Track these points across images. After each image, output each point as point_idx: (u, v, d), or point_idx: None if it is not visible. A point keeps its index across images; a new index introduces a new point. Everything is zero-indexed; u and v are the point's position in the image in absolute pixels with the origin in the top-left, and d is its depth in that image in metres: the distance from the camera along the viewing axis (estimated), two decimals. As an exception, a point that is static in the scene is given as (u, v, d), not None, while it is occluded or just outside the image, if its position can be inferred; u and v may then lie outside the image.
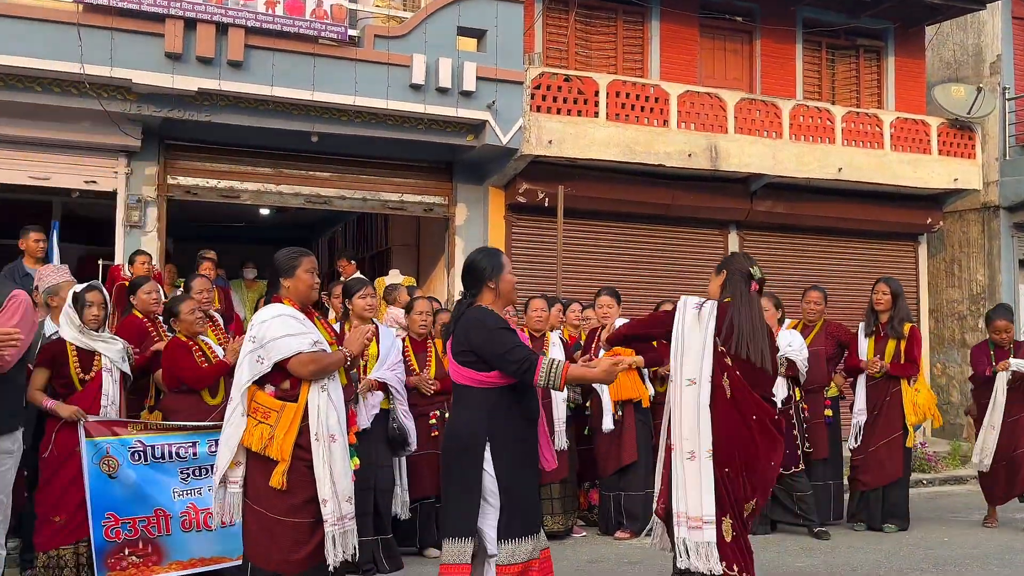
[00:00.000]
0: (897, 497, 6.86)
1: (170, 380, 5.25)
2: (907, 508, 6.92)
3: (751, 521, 4.20)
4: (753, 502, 4.05)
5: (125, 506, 4.85)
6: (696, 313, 4.10)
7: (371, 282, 6.22)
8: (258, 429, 3.81)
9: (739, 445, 3.96)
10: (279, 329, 3.83)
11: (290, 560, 3.79)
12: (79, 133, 8.68)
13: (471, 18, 9.52)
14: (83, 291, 5.00)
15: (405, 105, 9.14)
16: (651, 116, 10.55)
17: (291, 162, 9.82)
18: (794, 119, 11.27)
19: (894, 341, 6.83)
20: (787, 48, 12.38)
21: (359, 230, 14.32)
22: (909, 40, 12.95)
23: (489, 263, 3.91)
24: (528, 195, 10.33)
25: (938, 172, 11.96)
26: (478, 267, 3.91)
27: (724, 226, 11.78)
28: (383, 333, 5.76)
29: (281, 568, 3.79)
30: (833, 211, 11.85)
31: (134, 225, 9.07)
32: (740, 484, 3.97)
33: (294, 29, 8.69)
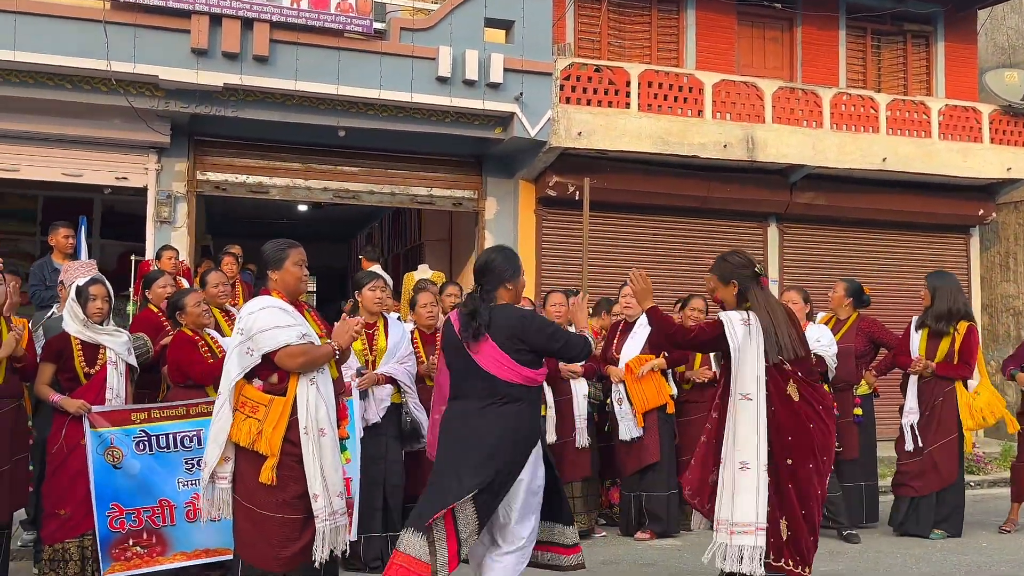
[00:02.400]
0: (952, 502, 6.50)
1: (176, 374, 5.24)
2: (961, 514, 6.55)
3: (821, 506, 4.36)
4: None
5: (129, 496, 4.85)
6: (746, 330, 4.16)
7: (384, 276, 6.12)
8: (246, 424, 3.76)
9: (814, 440, 4.16)
10: (267, 321, 3.77)
11: (280, 556, 3.74)
12: (109, 130, 8.81)
13: (498, 9, 9.40)
14: (86, 285, 5.01)
15: (431, 98, 9.07)
16: (684, 107, 10.30)
17: (319, 157, 9.82)
18: (835, 108, 10.90)
19: (948, 338, 6.49)
20: (830, 35, 11.99)
21: (394, 226, 14.32)
22: (960, 24, 12.43)
23: (510, 265, 4.01)
24: (558, 188, 10.18)
25: (990, 161, 11.46)
26: (499, 267, 3.99)
27: (763, 219, 11.46)
28: (393, 326, 5.67)
29: (271, 565, 3.74)
30: (877, 203, 11.45)
31: (164, 221, 9.17)
32: (812, 480, 4.16)
33: (319, 23, 8.68)
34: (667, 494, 6.48)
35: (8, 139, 8.72)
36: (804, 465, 4.13)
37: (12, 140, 8.74)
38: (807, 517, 4.16)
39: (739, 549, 4.01)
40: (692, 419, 6.64)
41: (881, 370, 7.01)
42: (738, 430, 4.10)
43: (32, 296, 7.42)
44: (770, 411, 4.08)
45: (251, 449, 3.74)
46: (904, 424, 6.63)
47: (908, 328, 6.80)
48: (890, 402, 7.68)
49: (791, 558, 4.08)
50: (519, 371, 3.83)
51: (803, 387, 4.18)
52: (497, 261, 3.98)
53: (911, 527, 6.47)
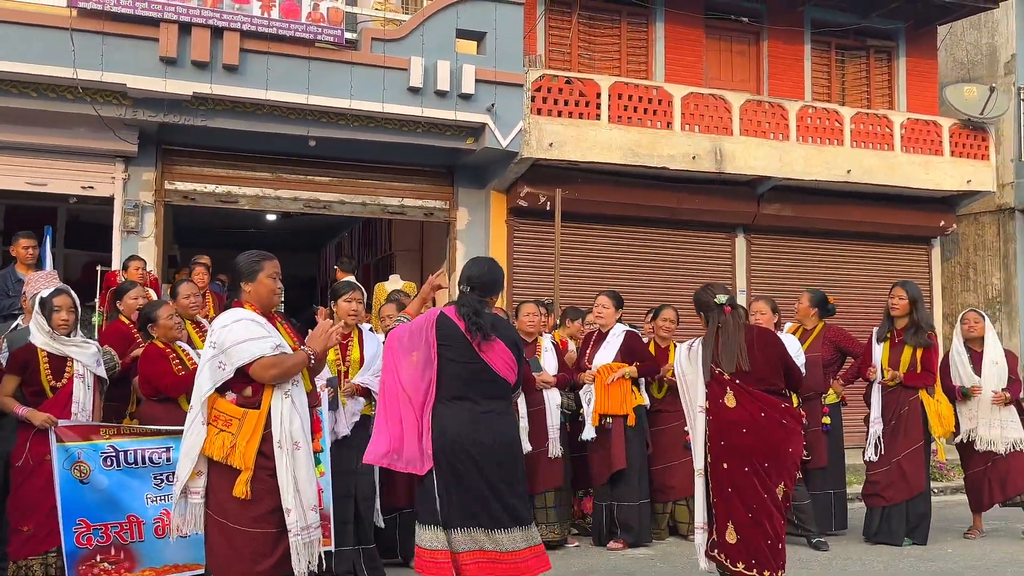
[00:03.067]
0: (920, 510, 6.56)
1: (147, 387, 5.17)
2: (928, 521, 6.65)
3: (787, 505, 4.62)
4: (782, 485, 4.49)
5: (97, 512, 4.77)
6: (687, 353, 4.73)
7: (360, 287, 6.08)
8: (219, 438, 3.70)
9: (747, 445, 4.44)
10: (240, 334, 3.71)
11: (254, 572, 3.68)
12: (75, 139, 8.69)
13: (470, 20, 9.44)
14: (50, 296, 4.92)
15: (403, 108, 9.08)
16: (654, 118, 10.41)
17: (290, 167, 9.78)
18: (801, 120, 11.09)
19: (910, 348, 6.55)
20: (795, 49, 12.20)
21: (364, 236, 14.27)
22: (921, 40, 12.73)
23: (500, 280, 4.13)
24: (529, 199, 10.22)
25: (951, 174, 11.73)
26: (498, 279, 4.10)
27: (731, 230, 11.61)
28: (368, 338, 5.63)
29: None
30: (842, 214, 11.66)
31: (131, 231, 9.06)
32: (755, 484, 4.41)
33: (290, 32, 8.66)
34: (638, 503, 6.49)
35: (-30, 147, 8.58)
36: (740, 470, 4.40)
37: (-25, 148, 8.60)
38: (757, 521, 4.35)
39: (697, 546, 4.54)
40: (665, 428, 6.68)
41: (848, 379, 7.10)
42: (696, 440, 4.59)
43: (-6, 307, 7.29)
44: (708, 420, 4.51)
45: (224, 463, 3.69)
46: (870, 434, 6.72)
47: (870, 340, 6.89)
48: (858, 411, 7.79)
49: (744, 562, 4.34)
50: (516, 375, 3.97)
51: (742, 395, 4.48)
52: (497, 273, 4.10)
53: (884, 536, 6.54)
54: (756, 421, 4.42)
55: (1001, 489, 6.84)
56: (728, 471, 4.41)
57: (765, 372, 4.56)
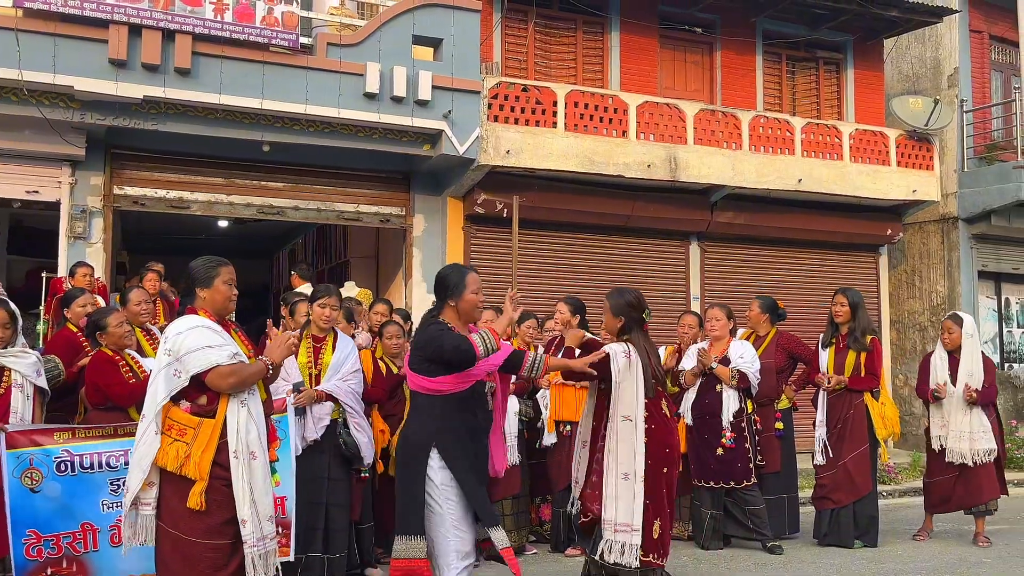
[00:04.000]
0: (868, 512, 6.68)
1: (95, 396, 5.04)
2: (877, 523, 6.76)
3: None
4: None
5: (48, 522, 4.61)
6: (627, 362, 4.71)
7: (337, 292, 5.96)
8: (173, 447, 3.63)
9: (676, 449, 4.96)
10: (196, 341, 3.65)
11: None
12: (20, 142, 8.46)
13: (426, 27, 9.41)
14: None
15: (358, 114, 9.01)
16: (610, 127, 10.49)
17: (243, 172, 9.63)
18: (754, 130, 11.27)
19: (854, 353, 6.69)
20: (747, 60, 12.40)
21: (318, 242, 14.13)
22: (868, 53, 13.03)
23: (453, 281, 4.16)
24: (486, 205, 10.22)
25: (897, 184, 12.02)
26: (444, 283, 4.17)
27: (685, 237, 11.74)
28: (341, 342, 5.56)
29: None
30: (793, 222, 11.86)
31: (79, 236, 8.84)
32: (676, 481, 4.93)
33: (244, 36, 8.54)
34: None
35: (-91, 149, 8.30)
36: (674, 471, 4.86)
37: (-87, 150, 8.32)
38: (671, 515, 4.92)
39: (620, 545, 4.61)
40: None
41: (799, 384, 7.22)
42: (620, 447, 4.67)
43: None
44: (649, 428, 4.68)
45: (178, 473, 3.61)
46: (816, 438, 6.84)
47: (816, 347, 7.02)
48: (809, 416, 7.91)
49: (656, 552, 4.72)
50: (415, 380, 4.11)
51: (670, 404, 5.00)
52: (446, 277, 4.19)
53: (833, 539, 6.65)
54: (674, 430, 4.95)
55: (969, 496, 6.81)
56: (667, 475, 4.77)
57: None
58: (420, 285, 10.27)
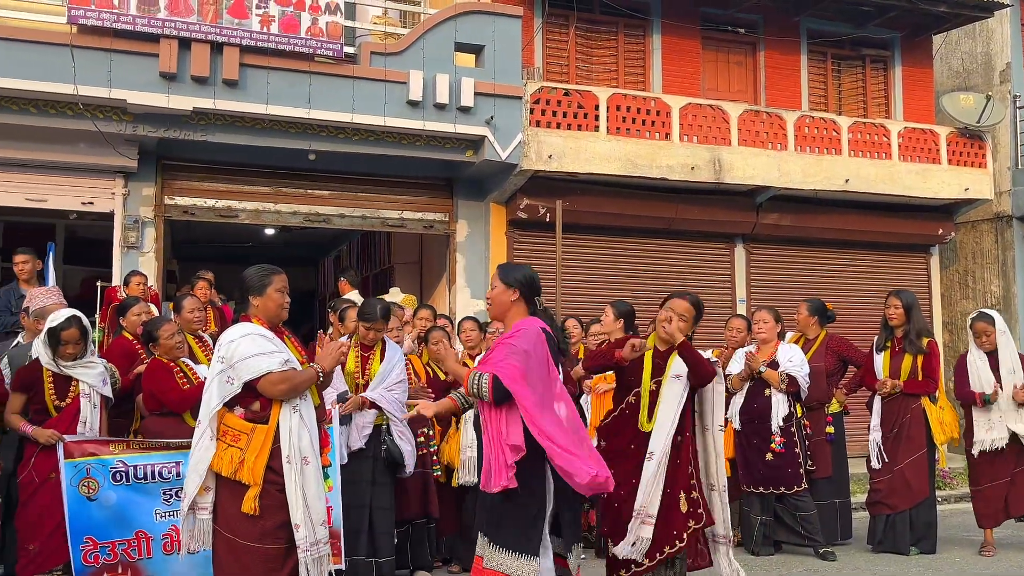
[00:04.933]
0: (925, 519, 6.54)
1: (151, 402, 5.15)
2: (935, 530, 6.61)
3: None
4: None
5: (104, 529, 4.74)
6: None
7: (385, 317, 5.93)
8: (228, 453, 3.68)
9: None
10: (249, 348, 3.70)
11: None
12: (75, 154, 8.69)
13: (468, 34, 9.47)
14: (58, 328, 4.85)
15: (403, 122, 9.10)
16: (652, 129, 10.44)
17: (289, 180, 9.77)
18: (799, 130, 11.13)
19: (910, 356, 6.56)
20: (791, 59, 12.25)
21: (363, 249, 14.25)
22: (916, 49, 12.79)
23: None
24: (529, 210, 10.23)
25: (948, 182, 11.77)
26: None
27: (730, 239, 11.63)
28: (390, 351, 5.60)
29: None
30: (841, 223, 11.68)
31: (131, 246, 9.04)
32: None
33: (289, 47, 8.67)
34: None
35: (-30, 164, 8.57)
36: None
37: (-26, 165, 8.59)
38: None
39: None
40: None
41: (850, 388, 7.10)
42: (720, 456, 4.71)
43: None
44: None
45: (233, 478, 3.67)
46: (871, 442, 6.71)
47: (870, 350, 6.88)
48: (861, 420, 7.78)
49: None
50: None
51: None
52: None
53: (888, 545, 6.53)
54: None
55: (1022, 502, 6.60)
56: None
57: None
58: (464, 290, 10.32)
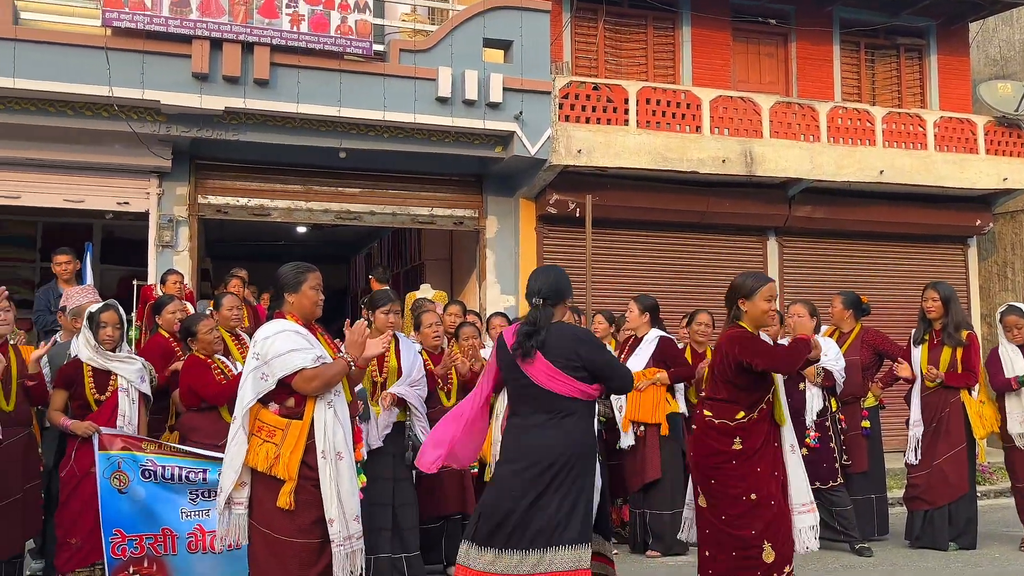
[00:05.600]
0: (965, 514, 6.43)
1: (189, 397, 5.22)
2: (975, 526, 6.51)
3: None
4: None
5: (132, 523, 4.80)
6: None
7: (398, 298, 6.04)
8: (263, 448, 3.71)
9: None
10: (284, 345, 3.73)
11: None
12: (111, 155, 8.82)
13: (496, 29, 9.46)
14: (98, 311, 4.99)
15: (432, 119, 9.11)
16: (683, 123, 10.37)
17: (320, 179, 9.84)
18: (832, 121, 10.99)
19: (949, 349, 6.45)
20: (824, 50, 12.10)
21: (394, 246, 14.32)
22: (952, 37, 12.57)
23: (568, 284, 4.13)
24: (558, 206, 10.21)
25: (986, 172, 11.55)
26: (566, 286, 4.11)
27: (762, 233, 11.52)
28: (404, 347, 5.62)
29: None
30: (876, 215, 11.52)
31: (166, 245, 9.16)
32: None
33: (319, 46, 8.72)
34: (671, 513, 6.36)
35: (9, 166, 8.73)
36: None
37: (14, 167, 8.75)
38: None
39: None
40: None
41: (886, 382, 6.99)
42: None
43: (36, 321, 7.40)
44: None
45: (268, 474, 3.70)
46: (910, 437, 6.61)
47: (908, 344, 6.78)
48: (896, 414, 7.69)
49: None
50: (575, 385, 3.87)
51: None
52: (562, 281, 4.09)
53: (927, 540, 6.43)
54: None
55: None
56: None
57: None
58: (494, 286, 10.33)
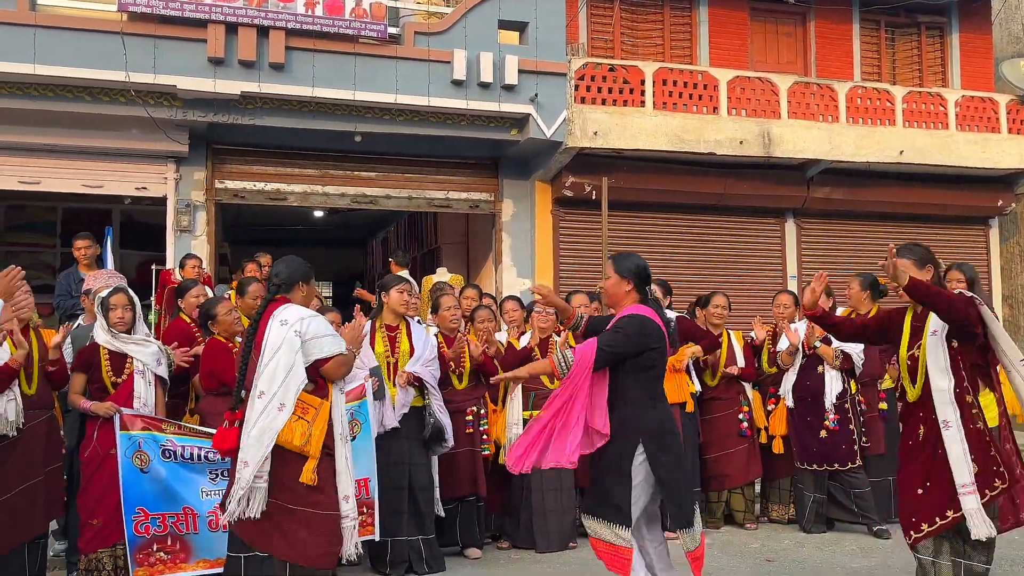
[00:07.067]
0: None
1: (209, 381, 5.25)
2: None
3: None
4: None
5: (155, 502, 4.84)
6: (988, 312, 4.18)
7: (410, 281, 6.09)
8: (298, 425, 3.79)
9: None
10: (320, 328, 3.89)
11: (332, 554, 3.88)
12: (128, 140, 8.87)
13: (512, 11, 9.41)
14: (108, 295, 5.03)
15: (447, 101, 9.09)
16: (700, 104, 10.29)
17: (336, 163, 9.86)
18: (851, 101, 10.87)
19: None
20: (843, 28, 11.95)
21: (410, 229, 14.35)
22: (974, 15, 12.36)
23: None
24: (574, 188, 10.18)
25: (1008, 152, 11.39)
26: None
27: (780, 214, 11.44)
28: (415, 330, 5.65)
29: (320, 562, 3.84)
30: (895, 196, 11.40)
31: (184, 230, 9.22)
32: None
33: (334, 29, 8.71)
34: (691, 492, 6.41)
35: (29, 152, 8.80)
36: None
37: (33, 153, 8.82)
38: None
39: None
40: (719, 416, 6.62)
41: (905, 364, 6.95)
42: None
43: (57, 306, 7.47)
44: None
45: (298, 450, 3.76)
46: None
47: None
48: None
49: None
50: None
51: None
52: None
53: None
54: None
55: None
56: None
57: None
58: (510, 270, 10.32)
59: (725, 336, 6.76)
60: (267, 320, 3.86)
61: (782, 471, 6.71)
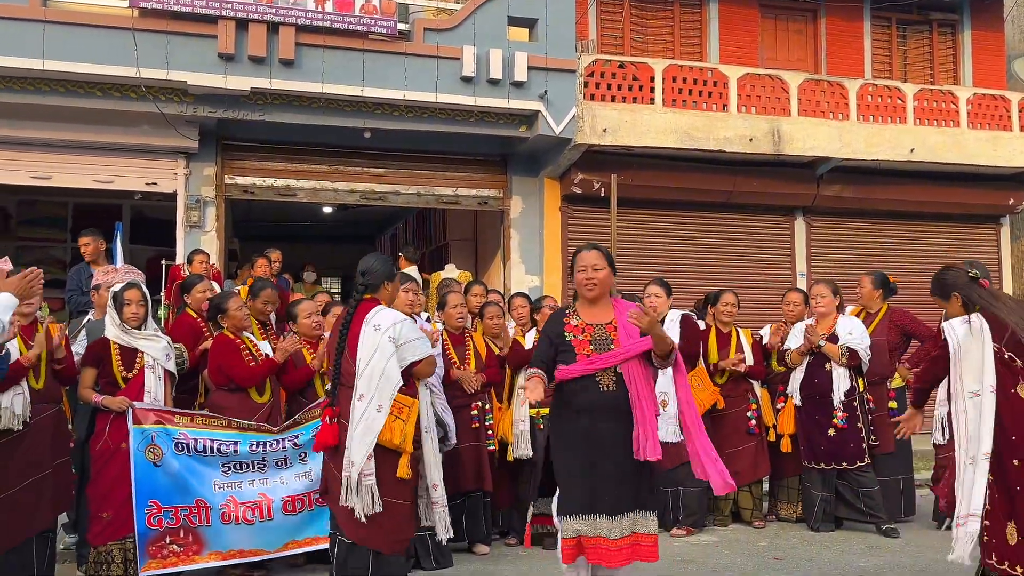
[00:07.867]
0: None
1: (218, 377, 5.27)
2: None
3: None
4: None
5: (168, 494, 4.89)
6: (967, 328, 4.08)
7: (415, 279, 6.08)
8: (396, 424, 4.00)
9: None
10: (411, 332, 4.10)
11: (403, 539, 4.13)
12: (139, 136, 8.90)
13: (521, 7, 9.41)
14: (121, 290, 5.06)
15: (456, 98, 9.10)
16: (709, 101, 10.26)
17: (346, 159, 9.87)
18: (862, 99, 10.82)
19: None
20: (854, 26, 11.90)
21: (419, 226, 14.36)
22: (986, 12, 12.30)
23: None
24: (583, 185, 10.17)
25: (1020, 150, 11.33)
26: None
27: (790, 212, 11.41)
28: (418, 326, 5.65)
29: (397, 548, 4.08)
30: (906, 194, 11.35)
31: (194, 225, 9.25)
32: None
33: (344, 25, 8.72)
34: (701, 488, 6.40)
35: (40, 147, 8.85)
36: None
37: (44, 148, 8.86)
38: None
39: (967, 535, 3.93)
40: (728, 414, 6.61)
41: (914, 363, 6.92)
42: (968, 425, 4.02)
43: (68, 301, 7.50)
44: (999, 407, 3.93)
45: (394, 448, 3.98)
46: (935, 417, 6.54)
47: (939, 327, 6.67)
48: (925, 395, 7.60)
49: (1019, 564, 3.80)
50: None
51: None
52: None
53: None
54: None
55: None
56: (1019, 469, 3.84)
57: None
58: (519, 266, 10.33)
59: (734, 333, 6.75)
60: (360, 322, 4.04)
61: (790, 469, 6.70)
